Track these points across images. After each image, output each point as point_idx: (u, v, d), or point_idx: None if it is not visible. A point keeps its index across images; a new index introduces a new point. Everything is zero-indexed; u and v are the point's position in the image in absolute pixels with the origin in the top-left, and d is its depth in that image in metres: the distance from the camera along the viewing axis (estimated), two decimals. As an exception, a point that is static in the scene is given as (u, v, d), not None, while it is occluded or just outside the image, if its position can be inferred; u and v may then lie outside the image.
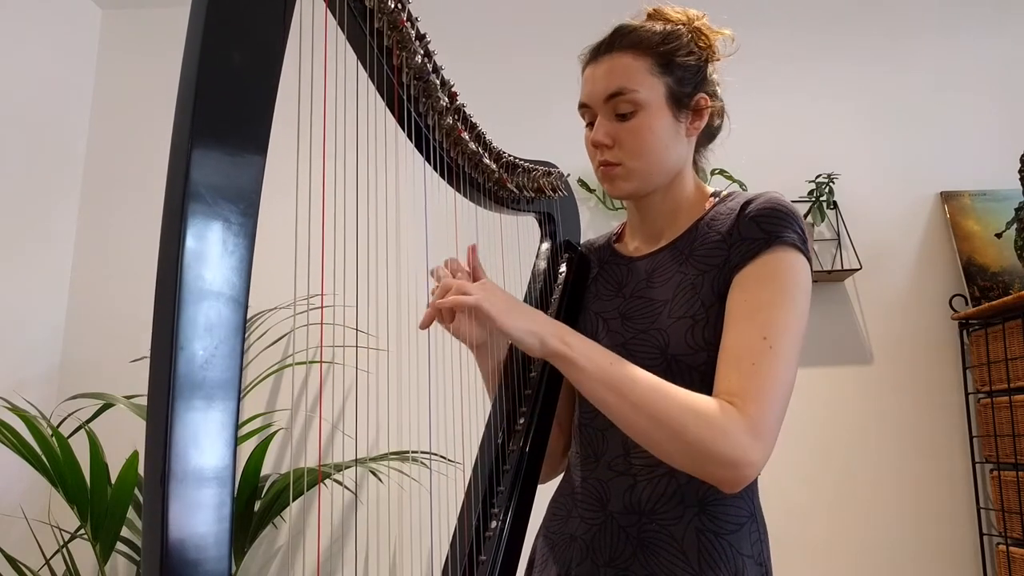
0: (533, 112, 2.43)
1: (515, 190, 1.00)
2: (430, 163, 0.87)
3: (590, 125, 0.95)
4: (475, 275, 0.99)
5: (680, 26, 0.93)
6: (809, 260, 0.86)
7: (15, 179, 2.26)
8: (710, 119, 0.95)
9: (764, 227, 0.85)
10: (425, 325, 0.84)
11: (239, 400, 0.48)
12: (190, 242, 0.46)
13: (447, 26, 2.30)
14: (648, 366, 0.88)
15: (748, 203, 0.88)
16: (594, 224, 2.36)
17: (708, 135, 0.99)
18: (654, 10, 0.96)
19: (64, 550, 1.83)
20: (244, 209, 0.49)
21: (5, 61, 2.23)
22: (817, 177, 2.31)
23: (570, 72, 1.06)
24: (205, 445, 0.45)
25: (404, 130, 0.81)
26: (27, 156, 2.30)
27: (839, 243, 2.32)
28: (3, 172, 2.21)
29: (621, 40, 0.92)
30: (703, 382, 0.86)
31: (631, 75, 0.90)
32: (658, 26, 0.93)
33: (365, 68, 0.74)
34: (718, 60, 0.96)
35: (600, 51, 0.93)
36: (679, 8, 0.96)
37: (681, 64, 0.91)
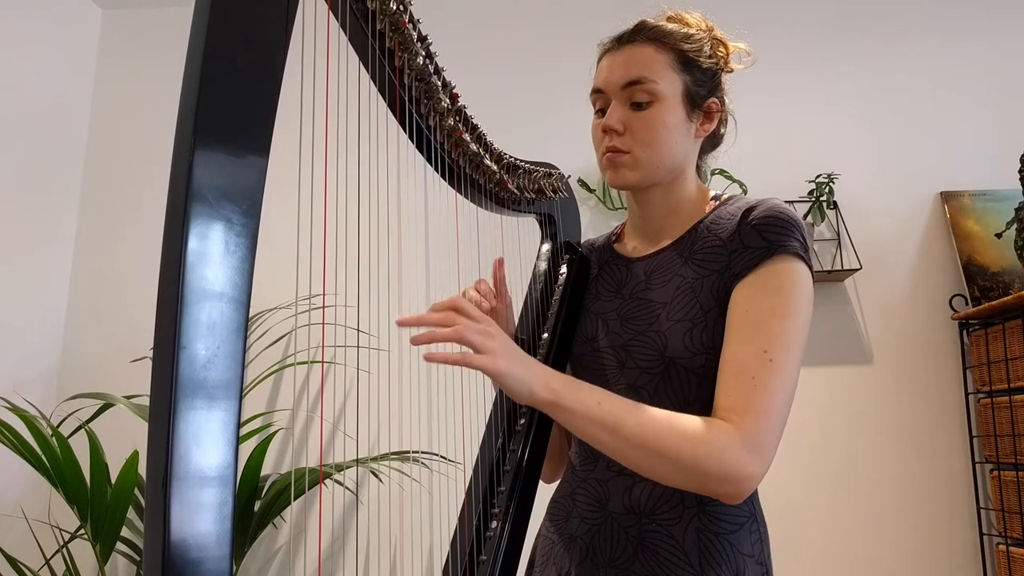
0: (534, 113, 2.43)
1: (516, 191, 1.00)
2: (431, 164, 0.87)
3: (600, 112, 0.95)
4: (499, 291, 1.00)
5: (701, 32, 0.94)
6: (811, 268, 0.85)
7: (15, 179, 2.26)
8: (716, 126, 0.96)
9: (766, 235, 0.84)
10: (419, 342, 0.75)
11: (240, 400, 0.48)
12: (193, 242, 0.46)
13: (449, 28, 2.30)
14: (646, 368, 0.89)
15: (750, 210, 0.87)
16: (594, 224, 2.36)
17: (712, 142, 1.00)
18: (675, 13, 0.97)
19: (64, 550, 1.83)
20: (246, 209, 0.49)
21: (5, 61, 2.23)
22: (817, 177, 2.31)
23: (571, 74, 1.06)
24: (207, 444, 0.46)
25: (405, 131, 0.82)
26: (27, 156, 2.31)
27: (839, 243, 2.32)
28: (3, 172, 2.21)
29: (645, 32, 0.92)
30: (701, 385, 0.86)
31: (652, 66, 0.90)
32: (680, 27, 0.94)
33: (367, 70, 0.74)
34: (731, 71, 0.97)
35: (622, 40, 0.93)
36: (698, 15, 0.97)
37: (699, 66, 0.92)
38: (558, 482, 1.03)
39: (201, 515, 0.45)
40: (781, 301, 0.81)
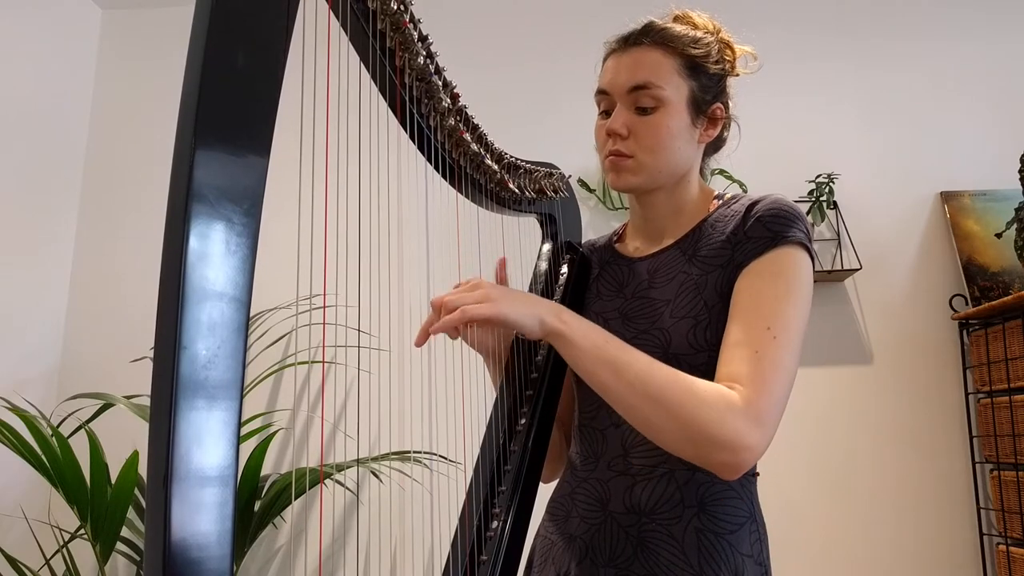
0: (534, 113, 2.43)
1: (516, 191, 1.00)
2: (432, 164, 0.87)
3: (604, 114, 0.94)
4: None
5: (708, 35, 0.94)
6: (813, 259, 0.87)
7: (15, 179, 2.26)
8: (720, 131, 0.96)
9: (770, 227, 0.85)
10: (422, 342, 0.80)
11: (241, 400, 0.48)
12: (193, 242, 0.46)
13: (449, 28, 2.30)
14: None
15: (753, 205, 0.88)
16: (594, 224, 2.36)
17: (716, 145, 0.99)
18: (683, 13, 0.96)
19: (64, 550, 1.83)
20: (247, 209, 0.49)
21: (5, 61, 2.23)
22: (817, 177, 2.31)
23: (571, 74, 1.06)
24: (208, 444, 0.46)
25: (406, 131, 0.81)
26: (27, 156, 2.31)
27: (839, 243, 2.32)
28: (3, 172, 2.21)
29: (652, 35, 0.91)
30: None
31: (658, 71, 0.89)
32: (688, 29, 0.93)
33: (368, 69, 0.74)
34: (736, 75, 0.97)
35: (629, 41, 0.92)
36: (706, 15, 0.96)
37: (706, 71, 0.92)
38: (557, 481, 1.03)
39: (202, 515, 0.45)
40: (784, 285, 0.82)
